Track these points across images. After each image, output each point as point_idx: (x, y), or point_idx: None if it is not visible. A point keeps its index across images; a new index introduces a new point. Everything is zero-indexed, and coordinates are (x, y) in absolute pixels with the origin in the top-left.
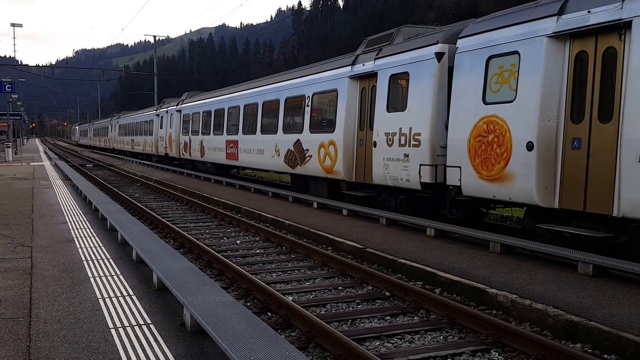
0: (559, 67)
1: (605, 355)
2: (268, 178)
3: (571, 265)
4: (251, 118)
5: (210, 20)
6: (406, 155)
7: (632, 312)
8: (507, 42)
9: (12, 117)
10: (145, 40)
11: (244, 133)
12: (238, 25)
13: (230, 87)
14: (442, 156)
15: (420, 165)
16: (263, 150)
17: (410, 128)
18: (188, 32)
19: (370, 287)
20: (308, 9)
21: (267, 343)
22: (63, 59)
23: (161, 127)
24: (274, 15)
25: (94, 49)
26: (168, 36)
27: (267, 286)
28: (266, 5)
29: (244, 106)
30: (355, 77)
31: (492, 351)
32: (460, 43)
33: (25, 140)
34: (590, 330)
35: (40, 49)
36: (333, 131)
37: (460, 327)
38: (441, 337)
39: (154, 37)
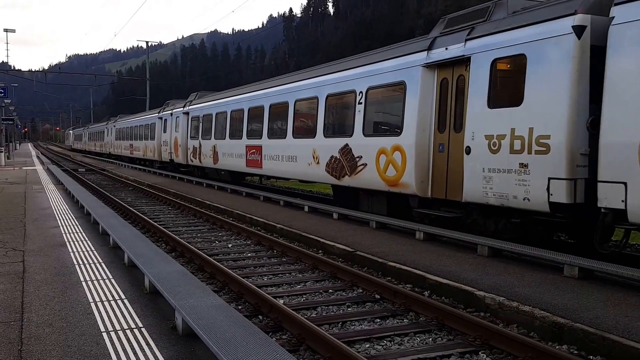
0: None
1: (591, 357)
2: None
3: (557, 268)
4: (279, 119)
5: (202, 26)
6: (524, 166)
7: (617, 313)
8: None
9: (5, 122)
10: (137, 46)
11: (269, 137)
12: (230, 31)
13: (251, 85)
14: (583, 167)
15: (550, 179)
16: (295, 157)
17: (531, 129)
18: (180, 37)
19: (361, 290)
20: (299, 15)
21: (258, 346)
22: (56, 64)
23: (165, 131)
24: (265, 22)
25: (86, 54)
26: (160, 42)
27: (258, 289)
28: (258, 12)
29: (270, 106)
30: (431, 66)
31: (480, 353)
32: (618, 12)
33: (18, 144)
34: (576, 331)
35: (33, 54)
36: (399, 134)
37: (448, 329)
38: (430, 339)
39: (147, 42)
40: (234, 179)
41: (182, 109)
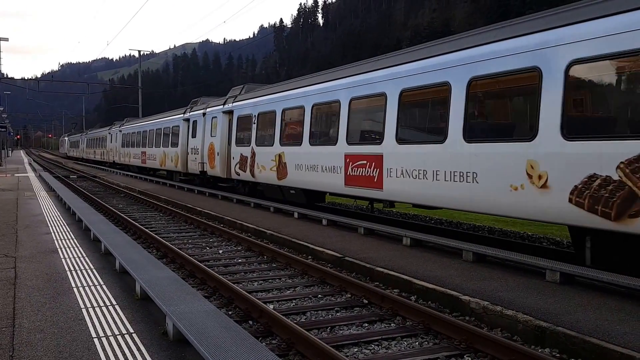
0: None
1: (573, 359)
2: None
3: (539, 273)
4: (433, 114)
5: (194, 35)
6: None
7: (597, 317)
8: None
9: None
10: (130, 55)
11: (401, 141)
12: (221, 41)
13: (354, 66)
14: None
15: None
16: (476, 175)
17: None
18: (172, 47)
19: (349, 295)
20: (289, 26)
21: (248, 351)
22: (49, 72)
23: (194, 136)
24: (256, 32)
25: (79, 62)
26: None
27: (249, 295)
28: (249, 22)
29: (401, 94)
30: None
31: (465, 356)
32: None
33: (10, 151)
34: (558, 335)
35: (26, 63)
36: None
37: (435, 333)
38: (417, 343)
39: (139, 51)
40: (310, 200)
41: (221, 107)
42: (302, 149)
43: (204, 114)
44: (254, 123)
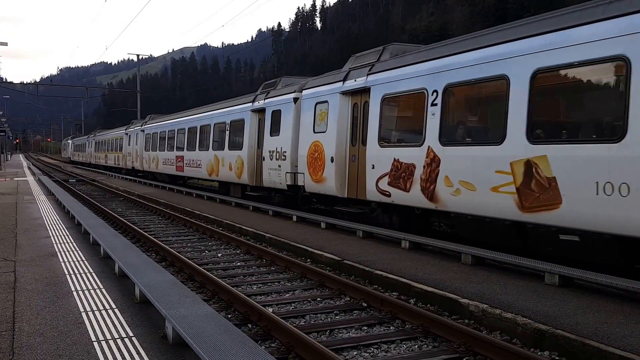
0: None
1: None
2: None
3: (538, 276)
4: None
5: (192, 39)
6: None
7: (596, 320)
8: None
9: None
10: (128, 59)
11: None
12: (219, 45)
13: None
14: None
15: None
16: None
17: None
18: (171, 51)
19: (348, 298)
20: (287, 30)
21: (248, 354)
22: (47, 77)
23: (274, 133)
24: (254, 36)
25: (78, 67)
26: (151, 55)
27: (248, 298)
28: (247, 27)
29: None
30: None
31: (464, 359)
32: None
33: (9, 155)
34: (558, 338)
35: (25, 67)
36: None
37: (434, 336)
38: (416, 346)
39: (137, 55)
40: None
41: (340, 84)
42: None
43: (295, 100)
44: (436, 104)
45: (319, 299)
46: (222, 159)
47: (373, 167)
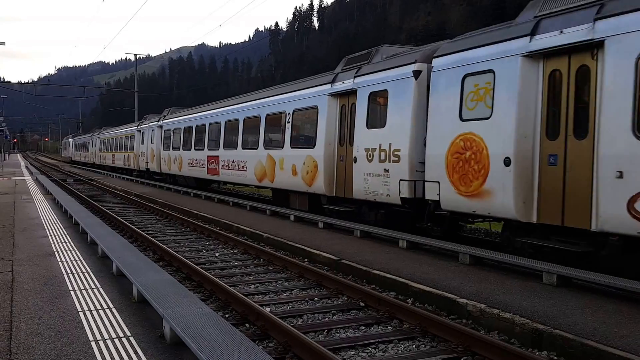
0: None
1: None
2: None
3: (536, 276)
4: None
5: (190, 39)
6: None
7: (595, 320)
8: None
9: None
10: (126, 58)
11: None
12: (217, 45)
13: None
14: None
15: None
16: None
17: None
18: (168, 50)
19: (346, 298)
20: (285, 29)
21: (245, 354)
22: (45, 76)
23: (381, 126)
24: (251, 35)
25: (75, 66)
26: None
27: (245, 298)
28: (244, 26)
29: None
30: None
31: (462, 359)
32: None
33: (7, 155)
34: (556, 338)
35: (22, 67)
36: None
37: (432, 336)
38: (414, 346)
39: (135, 55)
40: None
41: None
42: None
43: (417, 73)
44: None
45: (316, 298)
46: (280, 160)
47: (620, 177)
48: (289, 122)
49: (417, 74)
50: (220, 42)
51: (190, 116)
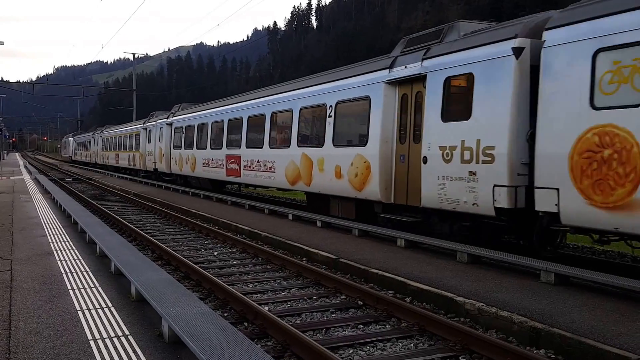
0: None
1: None
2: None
3: (534, 274)
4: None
5: (188, 38)
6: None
7: (592, 318)
8: None
9: None
10: (124, 58)
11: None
12: (215, 44)
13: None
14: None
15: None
16: None
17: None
18: (167, 50)
19: (344, 297)
20: (283, 29)
21: (244, 352)
22: (44, 76)
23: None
24: (250, 35)
25: (74, 66)
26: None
27: (244, 296)
28: (242, 25)
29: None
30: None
31: (460, 358)
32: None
33: (6, 154)
34: (554, 336)
35: (21, 66)
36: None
37: (430, 334)
38: (412, 344)
39: (133, 54)
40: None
41: None
42: None
43: (518, 51)
44: None
45: (314, 297)
46: (319, 161)
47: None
48: (330, 117)
49: (518, 51)
50: (218, 42)
51: (205, 112)
